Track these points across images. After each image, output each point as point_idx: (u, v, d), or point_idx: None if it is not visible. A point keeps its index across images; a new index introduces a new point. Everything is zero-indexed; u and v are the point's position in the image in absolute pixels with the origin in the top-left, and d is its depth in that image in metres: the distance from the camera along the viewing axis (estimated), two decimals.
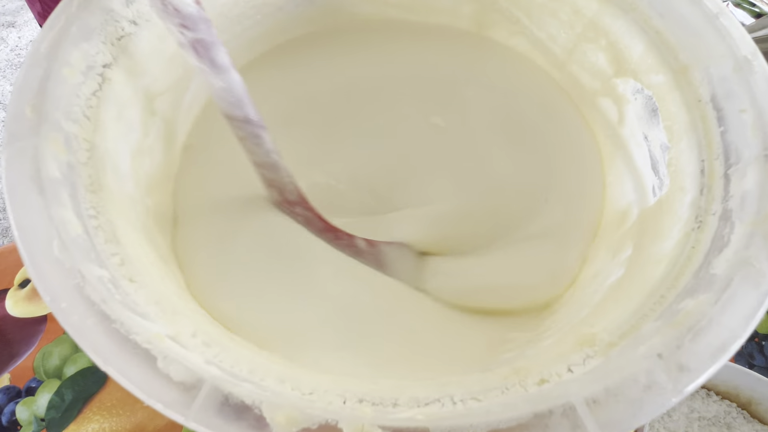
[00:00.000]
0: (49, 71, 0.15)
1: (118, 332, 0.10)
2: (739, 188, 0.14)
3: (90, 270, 0.11)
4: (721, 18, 0.17)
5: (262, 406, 0.10)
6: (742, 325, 0.11)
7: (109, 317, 0.11)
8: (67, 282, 0.11)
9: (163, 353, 0.10)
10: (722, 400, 0.31)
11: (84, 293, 0.11)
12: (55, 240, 0.11)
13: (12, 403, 0.31)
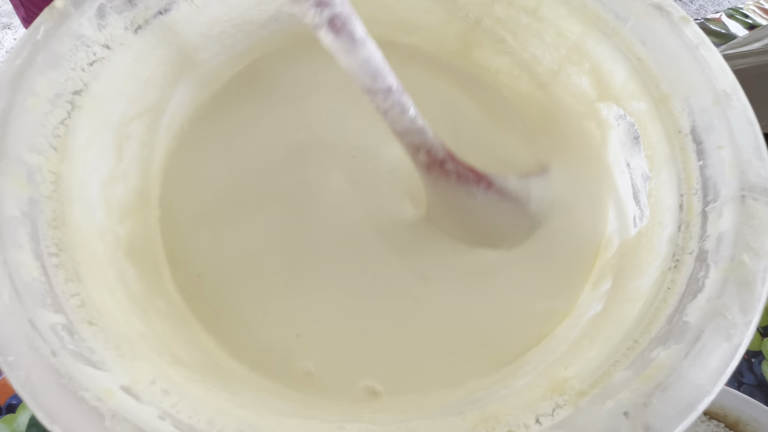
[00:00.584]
0: (11, 102, 0.14)
1: (65, 388, 0.10)
2: (716, 228, 0.14)
3: (43, 317, 0.11)
4: (701, 49, 0.17)
5: None
6: (711, 381, 0.11)
7: (58, 371, 0.10)
8: (16, 333, 0.10)
9: (111, 411, 0.10)
10: (710, 420, 0.31)
11: (33, 345, 0.10)
12: (6, 287, 0.11)
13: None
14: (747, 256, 0.12)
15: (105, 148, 0.18)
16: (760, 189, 0.13)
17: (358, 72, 0.16)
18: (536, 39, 0.24)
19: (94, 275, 0.14)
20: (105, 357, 0.11)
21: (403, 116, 0.18)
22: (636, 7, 0.19)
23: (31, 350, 0.10)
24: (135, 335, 0.13)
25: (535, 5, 0.23)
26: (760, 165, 0.14)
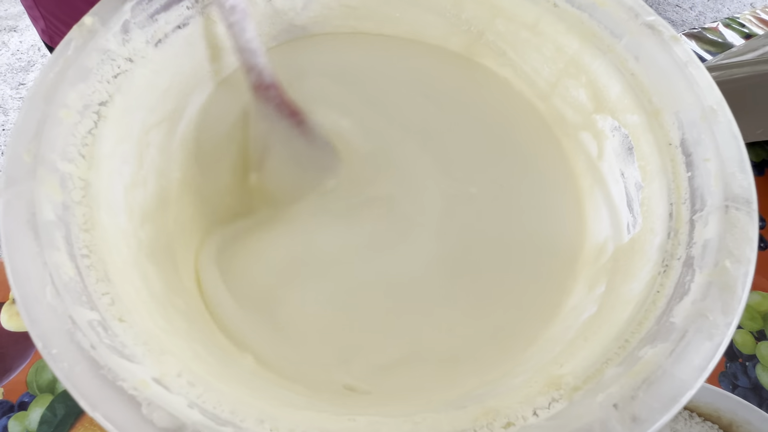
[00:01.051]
0: (46, 114, 0.15)
1: (105, 378, 0.11)
2: (702, 236, 0.15)
3: (81, 314, 0.12)
4: (690, 67, 0.18)
5: None
6: (694, 376, 0.12)
7: (98, 363, 0.11)
8: (59, 328, 0.11)
9: (147, 399, 0.11)
10: (704, 422, 0.32)
11: (74, 339, 0.11)
12: (48, 286, 0.12)
13: (5, 418, 0.31)
14: (729, 262, 0.13)
15: (127, 155, 0.19)
16: (743, 200, 0.15)
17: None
18: (536, 53, 0.25)
19: (121, 275, 0.15)
20: (135, 351, 0.13)
21: (242, 34, 0.20)
22: (630, 26, 0.20)
23: (72, 344, 0.11)
24: (160, 332, 0.14)
25: (534, 21, 0.24)
26: (743, 177, 0.15)
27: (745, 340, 0.37)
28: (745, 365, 0.36)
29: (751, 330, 0.38)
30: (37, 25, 0.41)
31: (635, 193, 0.19)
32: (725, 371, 0.36)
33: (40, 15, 0.39)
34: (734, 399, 0.30)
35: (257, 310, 0.20)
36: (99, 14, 0.18)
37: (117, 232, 0.17)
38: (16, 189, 0.13)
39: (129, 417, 0.11)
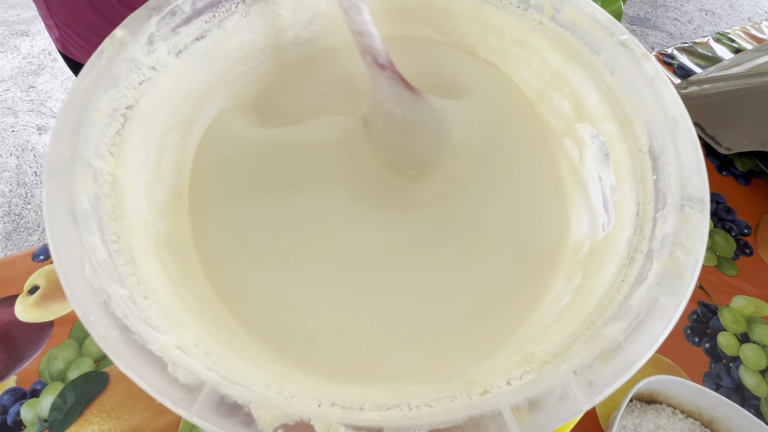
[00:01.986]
0: (81, 116, 0.18)
1: (136, 342, 0.13)
2: (661, 231, 0.16)
3: (113, 289, 0.14)
4: (657, 81, 0.20)
5: (251, 406, 0.12)
6: (644, 349, 0.13)
7: (129, 329, 0.13)
8: (96, 300, 0.13)
9: (172, 360, 0.13)
10: (687, 418, 0.33)
11: (109, 309, 0.13)
12: (87, 264, 0.14)
13: (17, 404, 0.33)
14: (681, 253, 0.15)
15: (148, 154, 0.21)
16: (696, 199, 0.16)
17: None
18: (524, 65, 0.27)
19: (144, 260, 0.17)
20: (159, 323, 0.14)
21: (359, 17, 0.22)
22: (607, 43, 0.22)
23: (107, 313, 0.13)
24: (178, 310, 0.16)
25: (522, 37, 0.26)
26: (698, 180, 0.17)
27: (730, 342, 0.39)
28: (729, 366, 0.38)
29: (735, 332, 0.39)
30: (52, 33, 0.44)
31: (610, 195, 0.21)
32: (709, 372, 0.37)
33: (55, 24, 0.42)
34: (715, 396, 0.31)
35: (264, 309, 0.21)
36: (128, 27, 0.20)
37: (140, 222, 0.19)
38: (57, 180, 0.16)
39: (157, 375, 0.12)
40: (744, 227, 0.45)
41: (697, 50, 0.59)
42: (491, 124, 0.27)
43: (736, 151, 0.46)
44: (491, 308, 0.22)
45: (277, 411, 0.12)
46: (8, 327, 0.35)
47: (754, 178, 0.49)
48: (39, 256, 0.39)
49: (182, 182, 0.24)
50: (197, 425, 0.12)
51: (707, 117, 0.50)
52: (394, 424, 0.12)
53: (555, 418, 0.12)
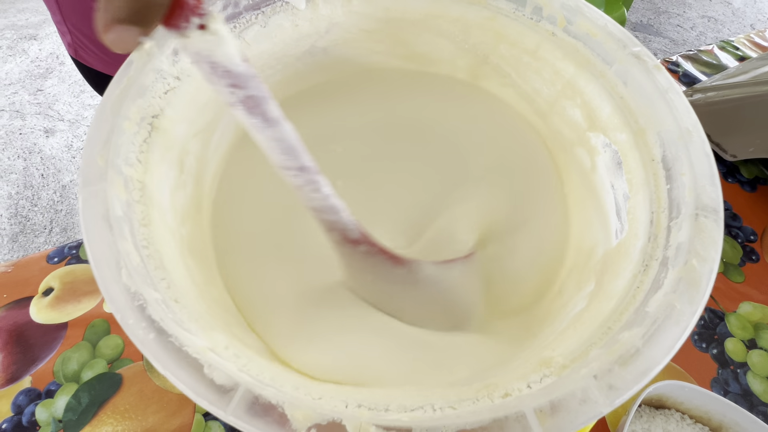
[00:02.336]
0: (113, 125, 0.18)
1: (173, 345, 0.13)
2: (676, 239, 0.17)
3: (148, 293, 0.14)
4: (670, 93, 0.20)
5: (285, 406, 0.13)
6: (662, 354, 0.14)
7: (166, 332, 0.14)
8: (133, 303, 0.14)
9: (208, 362, 0.13)
10: (695, 424, 0.34)
11: (146, 313, 0.14)
12: (123, 269, 0.14)
13: (32, 405, 0.33)
14: (696, 261, 0.16)
15: (172, 161, 0.22)
16: (710, 209, 0.17)
17: (270, 149, 0.17)
18: (536, 75, 0.28)
19: (172, 265, 0.17)
20: (190, 326, 0.15)
21: (316, 194, 0.18)
22: (619, 55, 0.23)
23: (144, 316, 0.14)
24: (205, 313, 0.17)
25: (535, 47, 0.27)
26: (712, 190, 0.17)
27: (737, 348, 0.39)
28: (737, 372, 0.38)
29: (742, 339, 0.39)
30: (64, 38, 0.44)
31: (623, 203, 0.22)
32: (717, 377, 0.37)
33: (68, 30, 0.43)
34: (723, 401, 0.32)
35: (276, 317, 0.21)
36: (155, 39, 0.21)
37: (165, 228, 0.19)
38: (92, 188, 0.16)
39: (194, 376, 0.13)
40: (750, 234, 0.45)
41: (701, 58, 0.60)
42: (497, 131, 0.28)
43: (742, 158, 0.47)
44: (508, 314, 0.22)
45: (309, 411, 0.13)
46: (23, 328, 0.36)
47: (759, 185, 0.49)
48: (53, 258, 0.39)
49: (202, 189, 0.25)
50: (233, 425, 0.12)
51: (712, 124, 0.51)
52: (421, 425, 0.12)
53: (576, 421, 0.13)
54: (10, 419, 0.32)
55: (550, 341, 0.18)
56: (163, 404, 0.33)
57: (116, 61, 0.42)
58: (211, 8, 0.13)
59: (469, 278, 0.23)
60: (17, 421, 0.32)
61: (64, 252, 0.40)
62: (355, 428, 0.12)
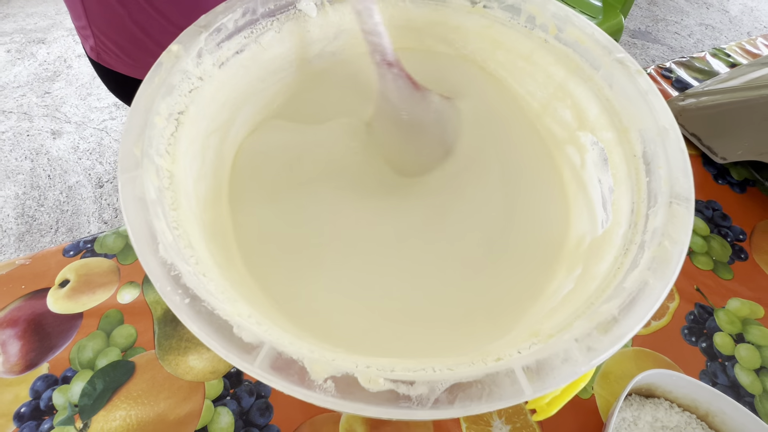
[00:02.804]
0: (145, 120, 0.20)
1: (206, 308, 0.15)
2: (653, 225, 0.19)
3: (181, 266, 0.16)
4: (650, 95, 0.23)
5: (304, 361, 0.14)
6: (636, 322, 0.16)
7: (200, 298, 0.16)
8: (169, 273, 0.16)
9: (236, 324, 0.15)
10: (683, 412, 0.35)
11: (181, 282, 0.16)
12: (160, 244, 0.16)
13: (49, 390, 0.34)
14: (668, 243, 0.18)
15: (195, 154, 0.24)
16: (683, 198, 0.19)
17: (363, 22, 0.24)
18: (530, 78, 0.30)
19: (199, 245, 0.19)
20: (218, 297, 0.17)
21: (370, 19, 0.24)
22: (605, 60, 0.25)
23: (180, 284, 0.16)
24: (229, 287, 0.19)
25: (529, 53, 0.29)
26: (685, 181, 0.20)
27: (725, 342, 0.40)
28: (725, 365, 0.39)
29: (730, 333, 0.41)
30: (87, 42, 0.46)
31: (608, 195, 0.24)
32: (705, 370, 0.39)
33: (92, 34, 0.45)
34: (710, 390, 0.33)
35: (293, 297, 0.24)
36: (182, 42, 0.23)
37: (191, 213, 0.21)
38: (129, 174, 0.18)
39: (224, 336, 0.15)
40: (739, 233, 0.47)
41: (694, 64, 0.63)
42: (493, 126, 0.30)
43: (732, 160, 0.49)
44: (500, 296, 0.24)
45: (326, 365, 0.14)
46: (41, 318, 0.37)
47: (749, 186, 0.51)
48: (69, 251, 0.41)
49: (220, 180, 0.27)
50: (259, 377, 0.14)
51: (703, 128, 0.53)
52: (422, 379, 0.14)
53: (559, 376, 0.14)
54: (28, 403, 0.33)
55: (540, 318, 0.20)
56: (174, 390, 0.34)
57: (137, 64, 0.44)
58: None
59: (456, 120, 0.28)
60: (35, 405, 0.33)
61: (80, 246, 0.41)
62: (366, 380, 0.14)
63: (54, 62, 1.35)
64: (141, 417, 0.32)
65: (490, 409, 0.14)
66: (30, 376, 0.34)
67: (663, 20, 1.66)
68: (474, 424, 0.33)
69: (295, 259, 0.25)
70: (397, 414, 0.14)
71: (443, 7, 0.30)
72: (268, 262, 0.24)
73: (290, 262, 0.24)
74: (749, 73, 0.54)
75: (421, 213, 0.27)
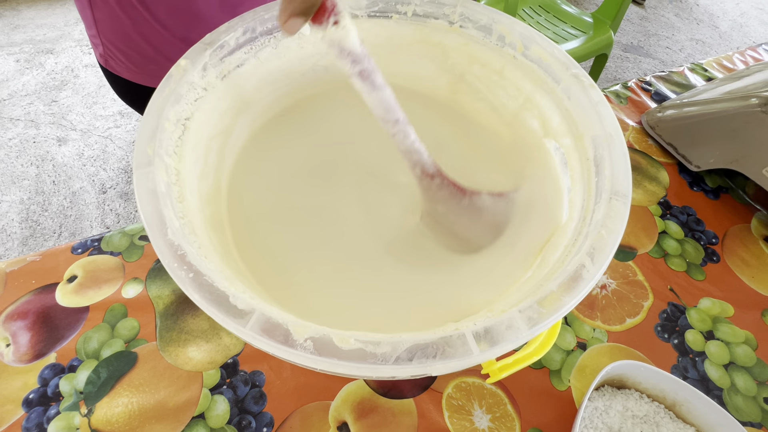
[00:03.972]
0: (156, 125, 0.24)
1: (206, 281, 0.18)
2: (595, 218, 0.22)
3: (186, 247, 0.19)
4: (600, 106, 0.26)
5: (288, 325, 0.17)
6: (571, 300, 0.19)
7: (201, 273, 0.18)
8: (176, 253, 0.19)
9: (232, 294, 0.18)
10: (652, 402, 0.38)
11: (186, 260, 0.19)
12: (168, 229, 0.19)
13: (56, 378, 0.36)
14: (605, 232, 0.21)
15: (198, 156, 0.27)
16: (621, 194, 0.22)
17: (376, 107, 0.24)
18: (502, 91, 0.33)
19: (200, 233, 0.23)
20: (220, 276, 0.20)
21: (406, 140, 0.25)
22: (564, 75, 0.28)
23: (185, 262, 0.19)
24: (226, 269, 0.22)
25: (501, 68, 0.32)
26: (625, 179, 0.23)
27: (696, 339, 0.43)
28: (695, 360, 0.42)
29: (701, 330, 0.43)
30: (96, 50, 0.50)
31: (566, 194, 0.27)
32: (677, 365, 0.42)
33: (101, 42, 0.48)
34: (676, 380, 0.36)
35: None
36: (190, 58, 0.27)
37: (195, 206, 0.24)
38: (143, 170, 0.21)
39: (222, 304, 0.18)
40: (712, 237, 0.50)
41: (673, 78, 0.66)
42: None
43: (705, 168, 0.52)
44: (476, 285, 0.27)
45: (306, 328, 0.17)
46: (49, 310, 0.40)
47: (722, 193, 0.54)
48: (77, 249, 0.44)
49: (220, 180, 0.30)
50: (250, 339, 0.17)
51: (679, 138, 0.56)
52: (388, 340, 0.17)
53: (503, 341, 0.17)
54: (36, 390, 0.35)
55: (496, 300, 0.23)
56: (174, 380, 0.36)
57: (141, 71, 0.48)
58: (341, 8, 0.19)
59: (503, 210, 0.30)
60: (43, 392, 0.35)
61: (87, 244, 0.44)
62: (340, 340, 0.17)
63: (61, 72, 1.40)
64: (142, 404, 0.34)
65: (445, 368, 0.17)
66: (38, 365, 0.36)
67: (655, 35, 1.71)
68: (456, 413, 0.35)
69: (285, 255, 0.28)
70: (364, 369, 0.17)
71: (424, 26, 0.33)
72: (258, 255, 0.27)
73: (280, 259, 0.27)
74: (722, 87, 0.58)
75: (402, 208, 0.30)
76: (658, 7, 1.89)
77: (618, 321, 0.42)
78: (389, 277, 0.28)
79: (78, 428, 0.33)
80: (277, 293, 0.26)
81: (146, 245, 0.42)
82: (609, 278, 0.44)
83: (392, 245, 0.29)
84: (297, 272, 0.27)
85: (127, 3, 0.40)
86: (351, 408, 0.34)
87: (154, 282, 0.40)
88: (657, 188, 0.50)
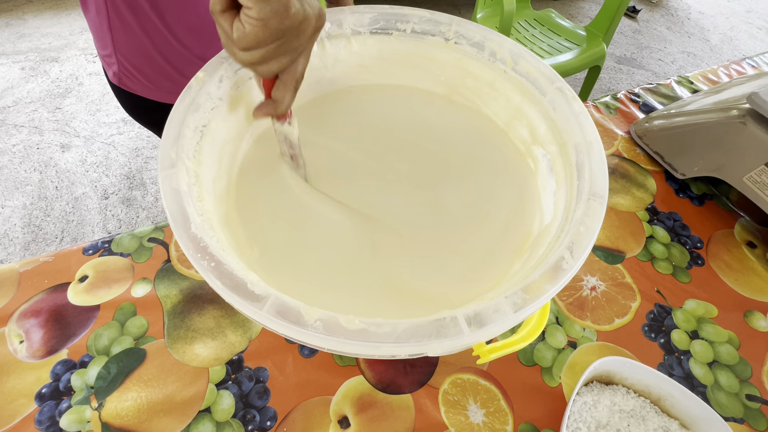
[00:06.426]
0: (179, 130, 0.26)
1: (227, 269, 0.21)
2: (575, 217, 0.25)
3: (208, 240, 0.22)
4: (581, 116, 0.29)
5: (300, 308, 0.20)
6: (552, 288, 0.21)
7: (222, 262, 0.21)
8: (199, 245, 0.21)
9: (251, 281, 0.20)
10: (638, 397, 0.40)
11: (209, 251, 0.21)
12: (192, 224, 0.22)
13: (68, 373, 0.37)
14: (583, 228, 0.23)
15: (213, 159, 0.30)
16: (599, 195, 0.25)
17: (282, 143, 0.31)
18: (494, 102, 0.36)
19: (218, 229, 0.25)
20: (237, 266, 0.22)
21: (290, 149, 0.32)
22: (549, 88, 0.31)
23: (207, 253, 0.21)
24: (241, 261, 0.24)
25: (492, 80, 0.35)
26: (602, 182, 0.25)
27: (682, 338, 0.45)
28: (681, 358, 0.44)
29: (686, 330, 0.46)
30: (110, 68, 0.52)
31: (552, 197, 0.29)
32: (663, 363, 0.44)
33: (116, 61, 0.50)
34: (660, 375, 0.38)
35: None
36: (207, 71, 0.29)
37: (210, 206, 0.27)
38: (167, 172, 0.24)
39: (241, 290, 0.20)
40: (697, 241, 0.52)
41: (660, 90, 0.70)
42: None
43: (690, 176, 0.55)
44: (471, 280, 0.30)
45: (316, 311, 0.20)
46: (62, 309, 0.41)
47: (707, 200, 0.57)
48: (89, 250, 0.46)
49: (231, 182, 0.32)
50: (266, 321, 0.19)
51: (665, 147, 0.59)
52: (388, 322, 0.19)
53: (491, 323, 0.20)
54: (49, 385, 0.37)
55: (487, 292, 0.25)
56: (181, 375, 0.37)
57: (156, 87, 0.50)
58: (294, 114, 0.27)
59: None
60: (55, 386, 0.37)
61: (98, 245, 0.46)
62: (346, 321, 0.19)
63: (66, 79, 1.43)
64: (150, 398, 0.36)
65: (439, 347, 0.19)
66: (51, 361, 0.37)
67: (647, 48, 1.77)
68: (452, 408, 0.37)
69: (290, 251, 0.30)
70: (367, 348, 0.19)
71: (422, 42, 0.36)
72: (267, 250, 0.29)
73: (287, 253, 0.30)
74: (706, 99, 0.61)
75: (414, 213, 0.32)
76: (650, 21, 1.95)
77: (607, 321, 0.44)
78: (392, 272, 0.30)
79: (89, 421, 0.34)
80: (286, 285, 0.28)
81: (155, 247, 0.44)
82: (599, 280, 0.46)
83: (392, 243, 0.31)
84: (301, 265, 0.29)
85: (149, 25, 0.43)
86: (351, 403, 0.36)
87: (162, 282, 0.42)
88: (645, 195, 0.52)
